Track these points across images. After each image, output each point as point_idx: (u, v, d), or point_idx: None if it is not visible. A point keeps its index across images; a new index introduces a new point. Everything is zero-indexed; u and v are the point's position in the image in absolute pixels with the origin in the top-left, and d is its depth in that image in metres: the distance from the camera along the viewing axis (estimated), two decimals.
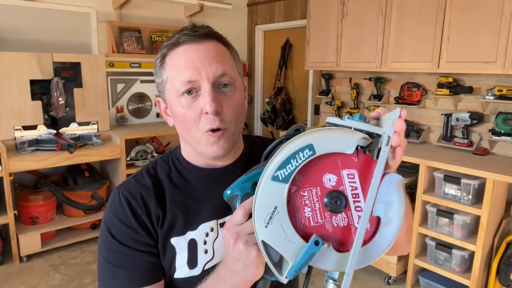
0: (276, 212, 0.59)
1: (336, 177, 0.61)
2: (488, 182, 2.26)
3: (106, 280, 0.78)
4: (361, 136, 0.60)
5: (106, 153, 3.26)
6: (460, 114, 2.81)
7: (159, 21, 4.05)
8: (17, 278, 2.79)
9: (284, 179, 0.59)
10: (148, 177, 0.84)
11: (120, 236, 0.78)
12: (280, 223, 0.59)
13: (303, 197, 0.60)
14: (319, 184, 0.60)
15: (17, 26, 3.28)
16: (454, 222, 2.45)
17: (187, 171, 0.85)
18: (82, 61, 3.37)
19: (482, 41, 2.47)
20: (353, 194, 0.60)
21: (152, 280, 0.79)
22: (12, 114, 3.09)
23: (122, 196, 0.80)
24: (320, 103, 4.01)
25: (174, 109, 0.79)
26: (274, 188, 0.59)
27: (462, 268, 2.47)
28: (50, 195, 3.18)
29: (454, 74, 2.85)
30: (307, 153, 0.59)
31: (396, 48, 2.94)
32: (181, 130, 0.81)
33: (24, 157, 2.88)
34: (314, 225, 0.60)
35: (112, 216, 0.79)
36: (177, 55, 0.76)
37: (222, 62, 0.76)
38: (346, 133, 0.60)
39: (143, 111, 4.06)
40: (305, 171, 0.60)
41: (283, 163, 0.59)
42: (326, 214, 0.60)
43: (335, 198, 0.60)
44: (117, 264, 0.78)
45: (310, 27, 3.58)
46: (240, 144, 0.89)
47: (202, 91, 0.75)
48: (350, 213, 0.60)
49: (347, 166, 0.61)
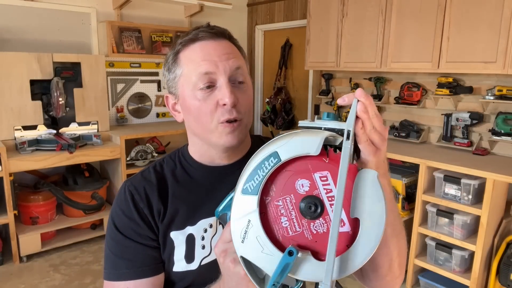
0: (250, 226, 0.57)
1: (309, 182, 0.57)
2: (488, 182, 2.26)
3: (109, 269, 0.82)
4: (325, 135, 0.56)
5: (106, 153, 3.26)
6: (460, 114, 2.81)
7: (159, 21, 4.05)
8: (17, 278, 2.78)
9: (253, 190, 0.57)
10: (154, 173, 0.87)
11: (123, 228, 0.81)
12: (255, 236, 0.57)
13: (278, 207, 0.58)
14: (293, 191, 0.57)
15: (17, 26, 3.28)
16: (454, 222, 2.45)
17: (191, 168, 0.88)
18: (82, 61, 3.37)
19: (482, 41, 2.47)
20: (329, 197, 0.56)
21: (151, 272, 0.81)
22: (12, 114, 3.09)
23: (127, 190, 0.84)
24: (320, 103, 4.01)
25: (187, 103, 0.81)
26: (245, 202, 0.57)
27: (462, 268, 2.47)
28: (50, 195, 3.18)
29: (454, 74, 2.85)
30: (272, 161, 0.57)
31: (396, 48, 2.94)
32: (193, 124, 0.83)
33: (24, 157, 2.88)
34: (293, 235, 0.57)
35: (117, 208, 0.83)
36: (194, 50, 0.79)
37: (236, 58, 0.80)
38: (309, 134, 0.57)
39: (143, 111, 4.06)
40: (277, 179, 0.58)
41: (250, 175, 0.57)
42: (304, 221, 0.57)
43: (310, 204, 0.56)
44: (119, 254, 0.81)
45: (310, 27, 3.59)
46: (247, 141, 0.91)
47: (219, 84, 0.78)
48: (328, 218, 0.56)
49: (318, 168, 0.57)
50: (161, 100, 4.14)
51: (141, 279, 0.80)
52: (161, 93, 4.13)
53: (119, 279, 0.80)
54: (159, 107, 4.14)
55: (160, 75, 4.09)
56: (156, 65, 4.04)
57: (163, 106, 4.16)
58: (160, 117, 4.15)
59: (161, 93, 4.13)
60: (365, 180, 0.55)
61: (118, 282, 0.81)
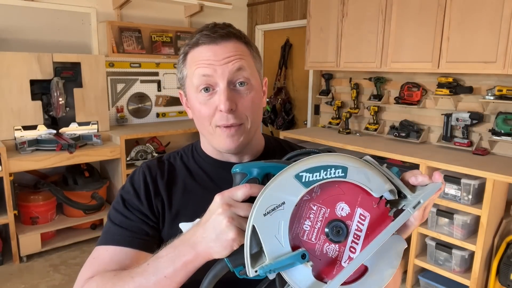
0: (281, 208, 0.57)
1: (349, 210, 0.59)
2: (488, 182, 2.26)
3: (103, 235, 0.85)
4: (392, 188, 0.60)
5: (106, 153, 3.26)
6: (460, 114, 2.81)
7: (159, 21, 4.04)
8: (17, 278, 2.78)
9: (306, 183, 0.58)
10: (167, 163, 0.92)
11: (128, 201, 0.86)
12: (279, 219, 0.57)
13: (310, 210, 0.59)
14: (331, 207, 0.59)
15: (17, 26, 3.28)
16: (454, 222, 2.45)
17: (203, 162, 0.91)
18: (82, 61, 3.37)
19: (482, 41, 2.46)
20: (356, 234, 0.59)
21: (140, 245, 0.81)
22: (12, 114, 3.08)
23: (141, 171, 0.90)
24: (320, 103, 4.00)
25: (191, 103, 0.85)
26: (292, 186, 0.58)
27: (462, 268, 2.46)
28: (50, 195, 3.17)
29: (454, 74, 2.84)
30: (339, 172, 0.58)
31: (396, 48, 2.93)
32: (198, 124, 0.86)
33: (24, 157, 2.88)
34: (305, 240, 0.59)
35: (128, 184, 0.89)
36: (197, 53, 0.81)
37: (239, 59, 0.79)
38: (381, 176, 0.60)
39: (143, 111, 4.05)
40: (326, 188, 0.59)
41: (312, 169, 0.58)
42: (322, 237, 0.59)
43: (338, 228, 0.59)
44: (116, 222, 0.84)
45: (310, 27, 3.58)
46: (259, 142, 0.92)
47: (218, 89, 0.78)
48: (343, 249, 0.59)
49: (364, 206, 0.60)
50: (161, 100, 4.14)
51: (126, 247, 0.80)
52: (161, 93, 4.12)
53: (106, 243, 0.82)
54: (159, 107, 4.14)
55: (160, 75, 4.10)
56: (156, 65, 4.03)
57: (163, 106, 4.16)
58: (160, 117, 4.14)
59: (161, 93, 4.12)
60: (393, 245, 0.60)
61: (104, 246, 0.81)
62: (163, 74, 4.11)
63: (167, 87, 4.16)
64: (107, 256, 0.80)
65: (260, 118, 0.87)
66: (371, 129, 3.39)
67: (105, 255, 0.80)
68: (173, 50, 4.04)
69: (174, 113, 4.26)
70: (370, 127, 3.40)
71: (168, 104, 4.19)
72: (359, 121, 3.61)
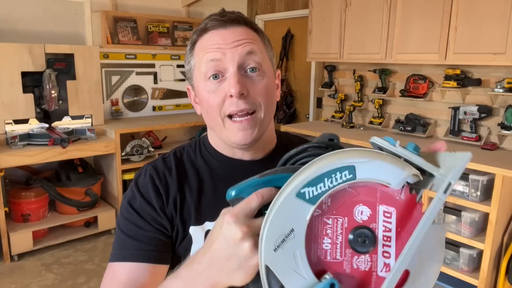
0: (291, 236, 0.48)
1: (370, 211, 0.51)
2: (497, 178, 2.24)
3: (117, 250, 0.80)
4: (413, 172, 0.50)
5: (100, 148, 3.23)
6: (468, 107, 2.78)
7: (155, 11, 4.00)
8: (8, 278, 2.75)
9: (311, 199, 0.48)
10: (174, 160, 0.87)
11: (140, 209, 0.81)
12: (293, 250, 0.49)
13: (326, 225, 0.50)
14: (348, 215, 0.51)
15: (8, 16, 3.23)
16: (461, 219, 2.43)
17: (212, 159, 0.87)
18: (75, 53, 3.32)
19: (491, 31, 2.44)
20: (385, 236, 0.50)
21: (159, 259, 0.79)
22: (2, 107, 3.04)
23: (148, 174, 0.84)
24: (322, 96, 3.98)
25: (200, 95, 0.81)
26: (296, 207, 0.48)
27: (470, 267, 2.44)
28: (42, 192, 3.15)
29: (462, 66, 2.81)
30: (346, 175, 0.48)
31: (402, 39, 2.90)
32: (206, 118, 0.82)
33: (15, 152, 2.85)
34: (330, 261, 0.50)
35: (135, 190, 0.83)
36: (205, 39, 0.78)
37: (250, 43, 0.76)
38: (397, 163, 0.50)
39: (138, 104, 4.02)
40: (336, 195, 0.50)
41: (314, 180, 0.48)
42: (348, 251, 0.50)
43: (364, 236, 0.50)
44: (131, 234, 0.80)
45: (312, 17, 3.56)
46: (271, 138, 0.89)
47: (228, 74, 0.75)
48: (375, 257, 0.51)
49: (386, 201, 0.51)
50: (158, 92, 4.11)
51: (145, 263, 0.77)
52: (157, 86, 4.10)
53: (124, 260, 0.77)
54: (155, 100, 4.11)
55: (157, 67, 4.07)
56: (153, 56, 4.00)
57: (159, 99, 4.14)
58: (156, 110, 4.12)
59: (157, 86, 4.10)
60: (431, 236, 0.51)
61: (120, 264, 0.77)
62: (160, 66, 4.07)
63: (164, 79, 4.12)
64: (124, 275, 0.77)
65: (274, 110, 0.82)
66: (376, 123, 3.38)
67: (121, 275, 0.77)
68: (170, 41, 4.02)
69: (171, 107, 4.22)
70: (375, 121, 3.39)
71: (164, 97, 4.16)
72: (363, 115, 3.59)
